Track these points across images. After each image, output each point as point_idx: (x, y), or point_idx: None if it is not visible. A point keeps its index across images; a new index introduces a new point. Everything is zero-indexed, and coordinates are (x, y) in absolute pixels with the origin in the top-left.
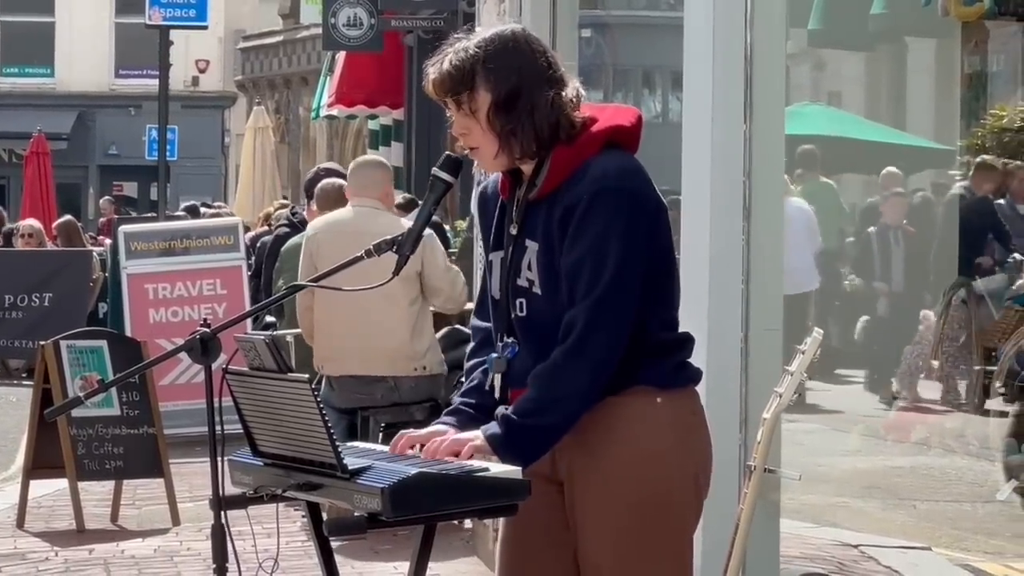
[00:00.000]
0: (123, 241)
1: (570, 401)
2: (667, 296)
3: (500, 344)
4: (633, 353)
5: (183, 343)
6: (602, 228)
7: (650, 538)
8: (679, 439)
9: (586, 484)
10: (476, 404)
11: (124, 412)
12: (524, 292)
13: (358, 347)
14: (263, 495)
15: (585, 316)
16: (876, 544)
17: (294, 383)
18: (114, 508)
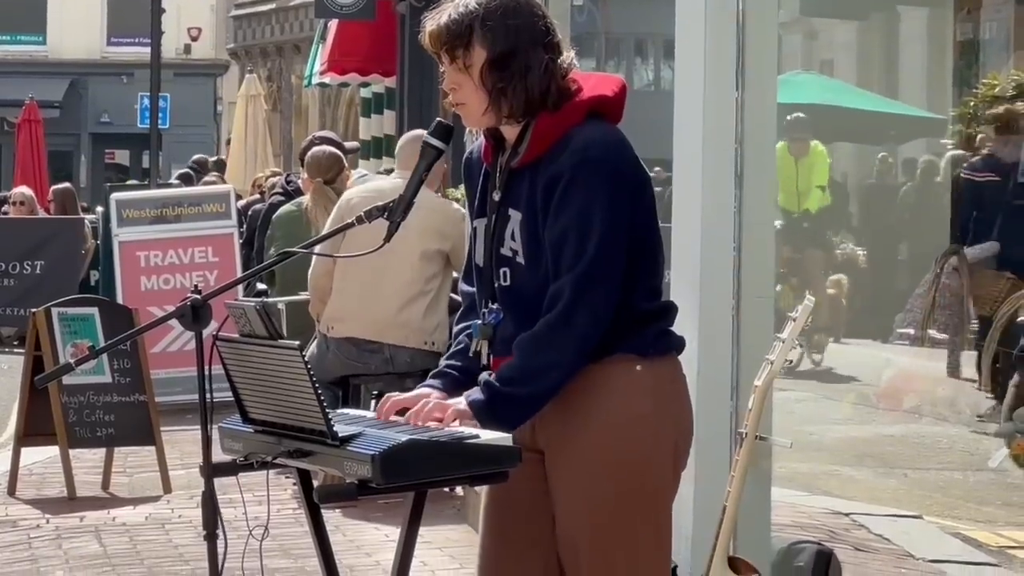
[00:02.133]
0: (115, 209)
1: (553, 371)
2: (650, 266)
3: (484, 311)
4: (615, 322)
5: (174, 310)
6: (585, 200)
7: (627, 504)
8: (659, 406)
9: (565, 452)
10: (461, 367)
11: (115, 380)
12: (508, 261)
13: (367, 311)
14: (253, 462)
15: (571, 288)
16: (867, 512)
17: (284, 350)
18: (105, 475)
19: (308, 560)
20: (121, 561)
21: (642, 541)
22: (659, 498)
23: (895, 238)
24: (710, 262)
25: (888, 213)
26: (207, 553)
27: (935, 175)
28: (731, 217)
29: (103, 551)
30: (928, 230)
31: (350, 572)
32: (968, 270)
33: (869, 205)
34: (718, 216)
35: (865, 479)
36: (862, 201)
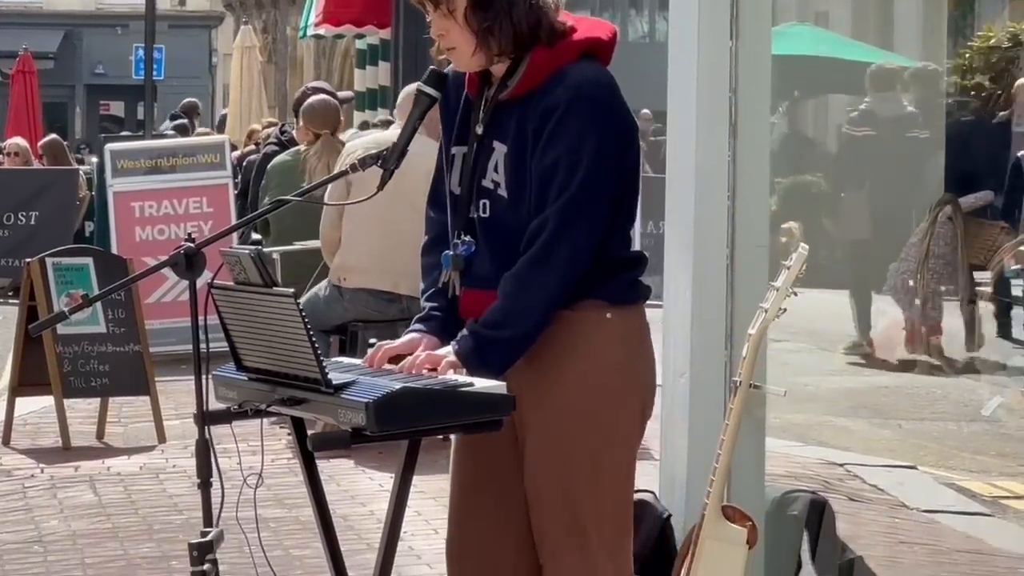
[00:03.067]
0: (109, 159)
1: (537, 310)
2: (628, 213)
3: (456, 242)
4: (589, 268)
5: (168, 257)
6: (578, 135)
7: (594, 452)
8: (629, 354)
9: (535, 397)
10: (445, 307)
11: (110, 329)
12: (489, 193)
13: (379, 262)
14: (247, 410)
15: (553, 222)
16: (861, 463)
17: (279, 297)
18: (100, 425)
19: (302, 510)
20: (116, 510)
21: (607, 487)
22: (626, 448)
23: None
24: (704, 211)
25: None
26: (201, 501)
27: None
28: (726, 167)
29: (98, 500)
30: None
31: (344, 521)
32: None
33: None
34: (712, 166)
35: (859, 429)
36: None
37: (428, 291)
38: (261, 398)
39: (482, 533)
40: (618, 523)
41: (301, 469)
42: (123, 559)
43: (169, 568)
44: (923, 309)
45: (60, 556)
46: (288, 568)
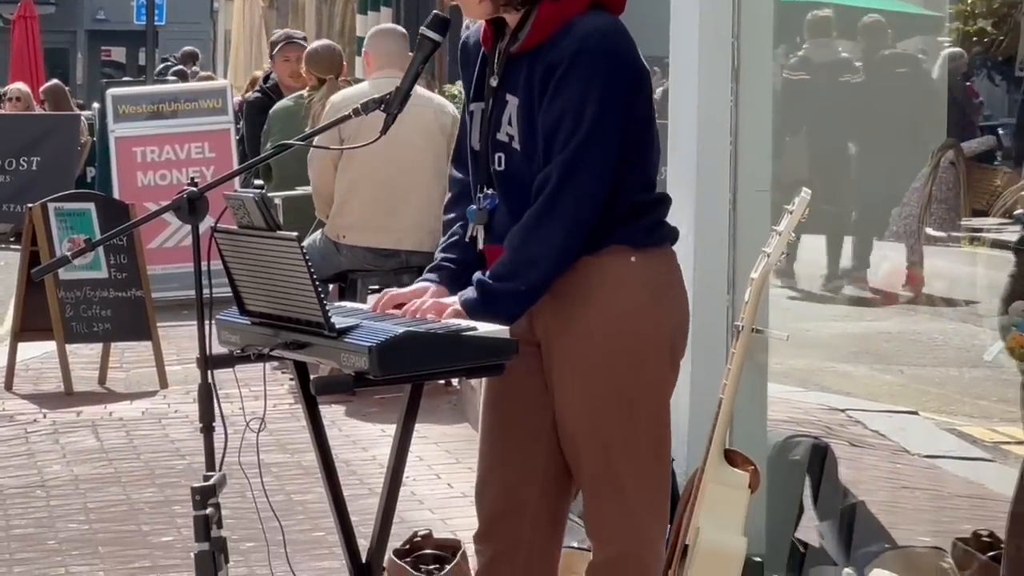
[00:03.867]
0: (111, 104)
1: (543, 262)
2: (645, 159)
3: (480, 196)
4: (609, 213)
5: (171, 201)
6: (582, 88)
7: (625, 396)
8: (653, 297)
9: (561, 344)
10: (457, 259)
11: (112, 275)
12: (504, 147)
13: (381, 221)
14: (250, 354)
15: (558, 174)
16: (863, 408)
17: (282, 241)
18: (102, 371)
19: (304, 455)
20: (118, 455)
21: (641, 432)
22: (656, 388)
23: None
24: (707, 156)
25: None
26: (204, 446)
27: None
28: (728, 111)
29: (100, 445)
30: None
31: (346, 466)
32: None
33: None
34: (715, 111)
35: (861, 375)
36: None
37: (443, 244)
38: (264, 342)
39: (509, 474)
40: (654, 467)
41: (304, 414)
42: (125, 504)
43: (171, 513)
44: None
45: (62, 500)
46: (290, 513)
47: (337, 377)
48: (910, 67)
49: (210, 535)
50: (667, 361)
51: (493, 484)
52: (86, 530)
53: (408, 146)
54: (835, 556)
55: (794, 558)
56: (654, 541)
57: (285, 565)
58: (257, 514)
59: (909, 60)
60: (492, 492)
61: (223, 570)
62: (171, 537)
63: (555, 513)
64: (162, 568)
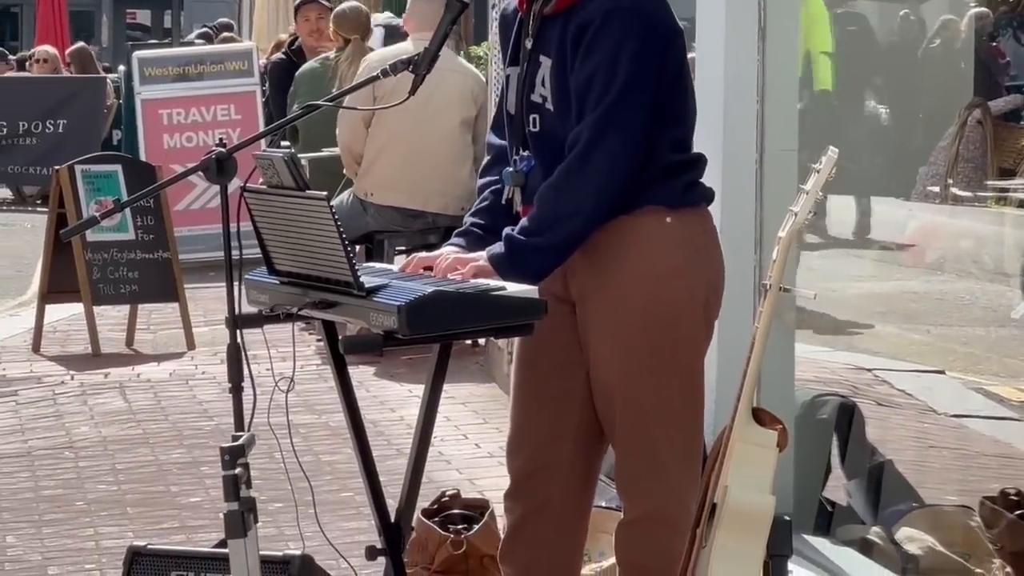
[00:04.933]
0: (137, 67)
1: (572, 218)
2: (679, 117)
3: (516, 158)
4: (644, 174)
5: (199, 162)
6: (613, 46)
7: (660, 356)
8: (688, 257)
9: (596, 303)
10: (485, 225)
11: (139, 237)
12: (538, 108)
13: (409, 181)
14: (279, 313)
15: (589, 132)
16: (890, 368)
17: (312, 200)
18: (129, 332)
19: (332, 415)
20: (146, 416)
21: (674, 391)
22: (690, 348)
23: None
24: (733, 115)
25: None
26: (233, 406)
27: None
28: (754, 70)
29: (128, 407)
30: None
31: (374, 427)
32: (992, 122)
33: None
34: (741, 69)
35: (888, 335)
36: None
37: (473, 208)
38: (293, 301)
39: (541, 432)
40: (686, 426)
41: (332, 374)
42: (153, 464)
43: (199, 473)
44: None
45: (91, 462)
46: (318, 473)
47: (366, 336)
48: (937, 27)
49: (239, 495)
50: (701, 321)
51: (524, 442)
52: (114, 491)
53: (439, 110)
54: (863, 515)
55: (822, 517)
56: (685, 500)
57: (314, 525)
58: (286, 475)
59: (936, 20)
60: (523, 450)
61: (252, 530)
62: (199, 498)
63: (586, 472)
64: (191, 528)
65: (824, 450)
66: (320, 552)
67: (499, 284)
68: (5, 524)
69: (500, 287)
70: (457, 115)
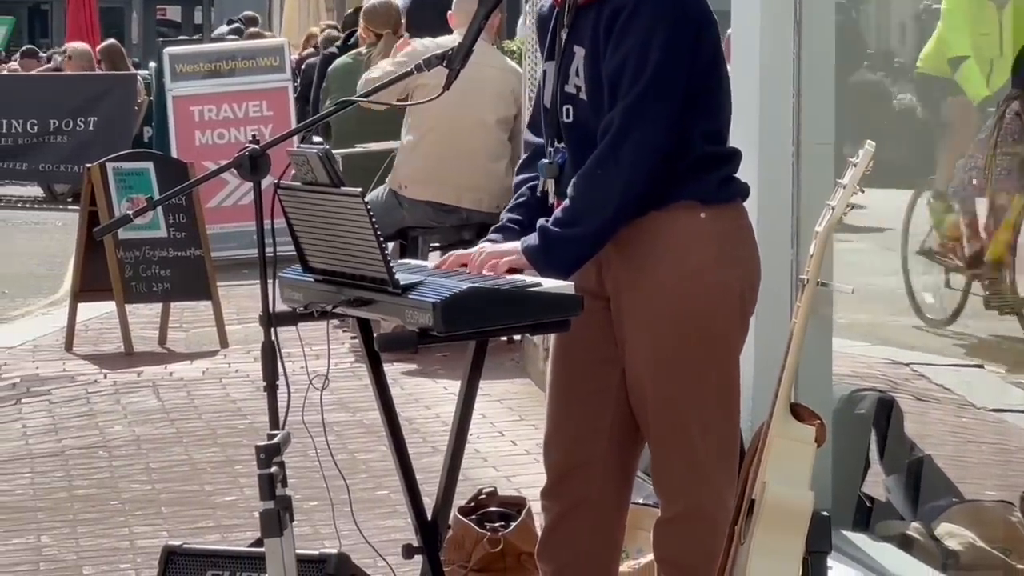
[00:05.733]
0: (168, 63)
1: (604, 208)
2: (713, 109)
3: (551, 150)
4: (677, 167)
5: (232, 159)
6: (644, 34)
7: (694, 352)
8: (723, 253)
9: (630, 299)
10: (522, 220)
11: (171, 234)
12: (571, 98)
13: (444, 175)
14: (313, 311)
15: (619, 120)
16: (928, 362)
17: (347, 197)
18: (162, 331)
19: (367, 413)
20: (179, 415)
21: (709, 388)
22: (726, 344)
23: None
24: (769, 108)
25: None
26: (268, 404)
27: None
28: (791, 63)
29: (161, 405)
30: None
31: (409, 424)
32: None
33: None
34: (777, 62)
35: (926, 329)
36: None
37: (510, 204)
38: (327, 299)
39: (577, 429)
40: (722, 423)
41: (368, 371)
42: (187, 463)
43: (234, 472)
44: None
45: (125, 461)
46: (354, 471)
47: (402, 334)
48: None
49: (275, 493)
50: (737, 317)
51: (561, 439)
52: (149, 490)
53: (476, 106)
54: (902, 510)
55: (861, 512)
56: (722, 497)
57: (350, 524)
58: (321, 473)
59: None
60: (559, 448)
61: (288, 529)
62: (234, 497)
63: (623, 469)
64: (225, 528)
65: (862, 445)
66: (356, 551)
67: (534, 280)
68: (40, 524)
69: (536, 283)
70: (494, 112)
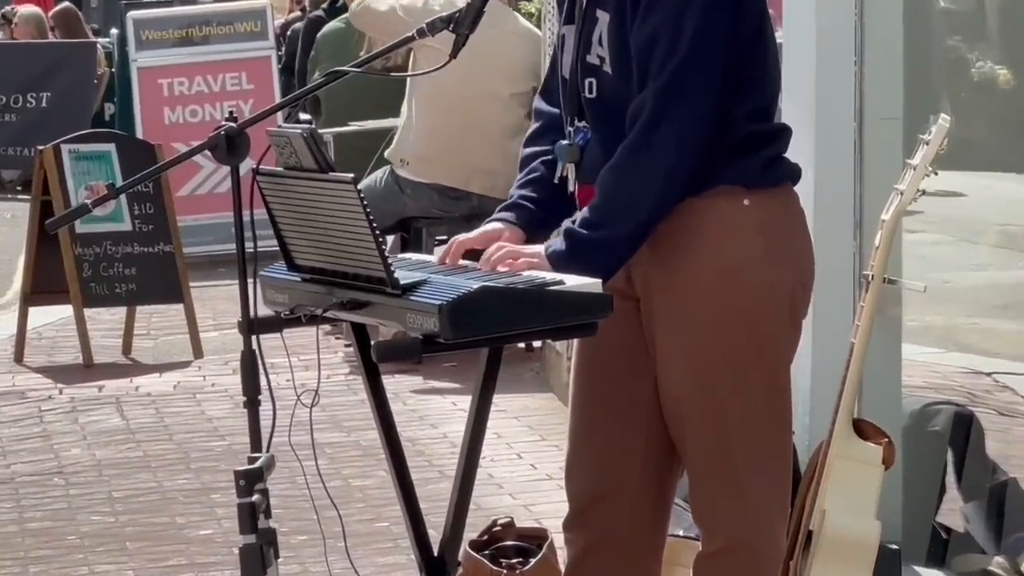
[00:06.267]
0: (132, 30)
1: (641, 205)
2: (758, 83)
3: (571, 129)
4: (717, 147)
5: (205, 140)
6: (679, 1)
7: (739, 361)
8: (770, 246)
9: (664, 301)
10: (537, 198)
11: (137, 227)
12: (594, 70)
13: (453, 155)
14: (300, 316)
15: (653, 102)
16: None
17: (336, 183)
18: (126, 339)
19: (363, 433)
20: (147, 436)
21: (757, 401)
22: (775, 351)
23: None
24: (827, 79)
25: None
26: (248, 423)
27: None
28: (852, 25)
29: (125, 425)
30: None
31: (412, 446)
32: None
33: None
34: (837, 24)
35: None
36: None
37: (521, 180)
38: (316, 302)
39: (604, 450)
40: (772, 440)
41: (364, 385)
42: (156, 492)
43: (210, 501)
44: None
45: (84, 489)
46: (348, 500)
47: (403, 341)
48: None
49: (257, 526)
50: (787, 319)
51: (585, 462)
52: (111, 523)
53: (488, 76)
54: (983, 542)
55: (936, 545)
56: (773, 528)
57: (344, 560)
58: (311, 503)
59: None
60: (584, 472)
61: (272, 567)
62: (210, 530)
63: (658, 496)
64: (200, 566)
65: (937, 467)
66: None
67: (555, 277)
68: None
69: (557, 280)
70: (510, 84)
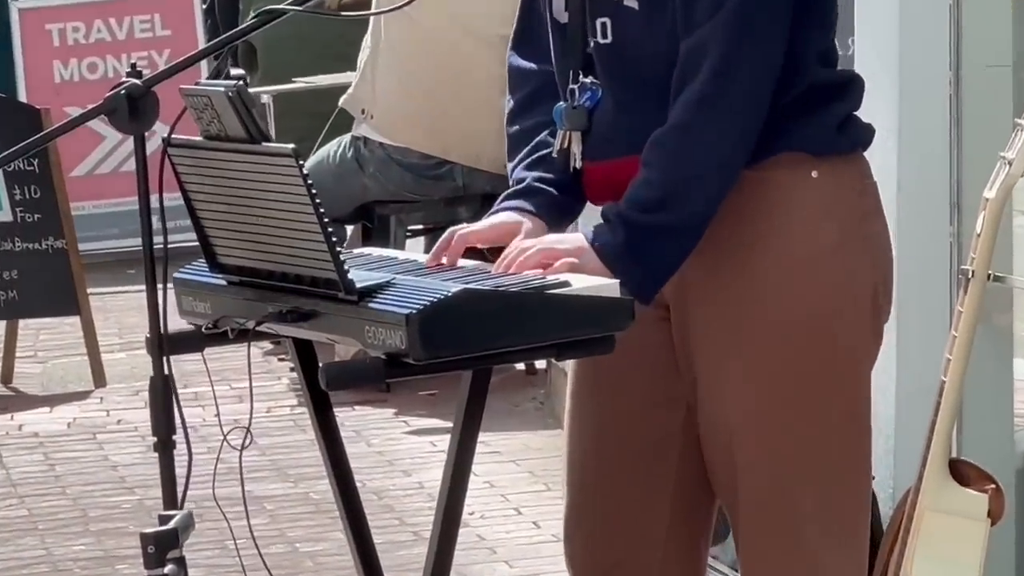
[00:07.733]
0: None
1: (714, 176)
2: (823, 20)
3: (573, 87)
4: (778, 103)
5: (102, 102)
6: None
7: (807, 383)
8: (846, 231)
9: (710, 307)
10: (555, 180)
11: (19, 217)
12: (610, 7)
13: (426, 116)
14: (226, 330)
15: (719, 45)
16: None
17: (272, 157)
18: (6, 363)
19: (314, 483)
20: (32, 489)
21: (829, 434)
22: (853, 368)
23: None
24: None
25: None
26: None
27: None
28: None
29: (6, 476)
30: None
31: (378, 499)
32: None
33: None
34: None
35: None
36: None
37: (528, 159)
38: (247, 312)
39: (619, 507)
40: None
41: (311, 421)
42: (45, 561)
43: (114, 572)
44: None
45: None
46: (296, 569)
47: (359, 363)
48: None
49: None
50: (868, 327)
51: (595, 521)
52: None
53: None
54: None
55: None
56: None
57: None
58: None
59: None
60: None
61: None
62: None
63: (690, 563)
64: None
65: None
66: None
67: (558, 278)
68: None
69: (560, 282)
70: (504, 23)
